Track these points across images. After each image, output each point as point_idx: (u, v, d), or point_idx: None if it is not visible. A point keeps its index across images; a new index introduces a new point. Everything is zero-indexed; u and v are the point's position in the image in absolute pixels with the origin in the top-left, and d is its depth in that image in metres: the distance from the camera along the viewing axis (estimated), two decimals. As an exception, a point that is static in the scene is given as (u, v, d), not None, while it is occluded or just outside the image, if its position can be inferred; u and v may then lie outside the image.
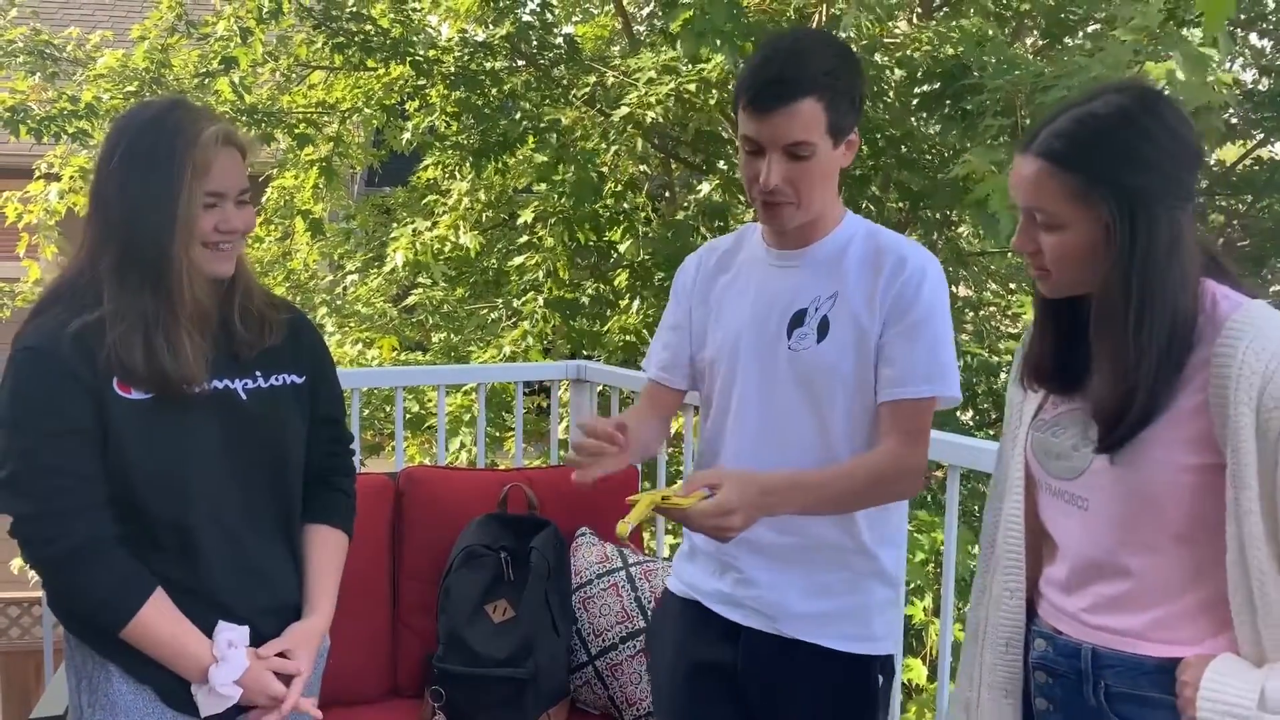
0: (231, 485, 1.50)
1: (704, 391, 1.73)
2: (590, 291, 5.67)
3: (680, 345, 1.72)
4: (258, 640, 1.51)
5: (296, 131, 5.66)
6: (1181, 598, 1.22)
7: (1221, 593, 1.18)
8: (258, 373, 1.55)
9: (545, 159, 5.21)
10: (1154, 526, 1.22)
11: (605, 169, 5.41)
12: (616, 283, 5.79)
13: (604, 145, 5.22)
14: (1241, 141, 6.42)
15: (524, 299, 5.37)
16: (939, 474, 3.89)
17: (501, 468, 3.99)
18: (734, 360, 1.64)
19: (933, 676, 4.03)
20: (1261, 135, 6.24)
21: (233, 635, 1.47)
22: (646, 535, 3.77)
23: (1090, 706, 1.27)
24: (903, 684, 4.07)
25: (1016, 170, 1.27)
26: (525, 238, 5.44)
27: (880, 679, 1.65)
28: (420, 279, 5.81)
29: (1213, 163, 6.15)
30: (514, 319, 5.51)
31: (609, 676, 2.28)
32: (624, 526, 1.35)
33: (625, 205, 5.61)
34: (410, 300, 6.02)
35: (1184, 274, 1.20)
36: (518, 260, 5.38)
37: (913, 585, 4.14)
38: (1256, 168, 6.44)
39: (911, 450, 1.55)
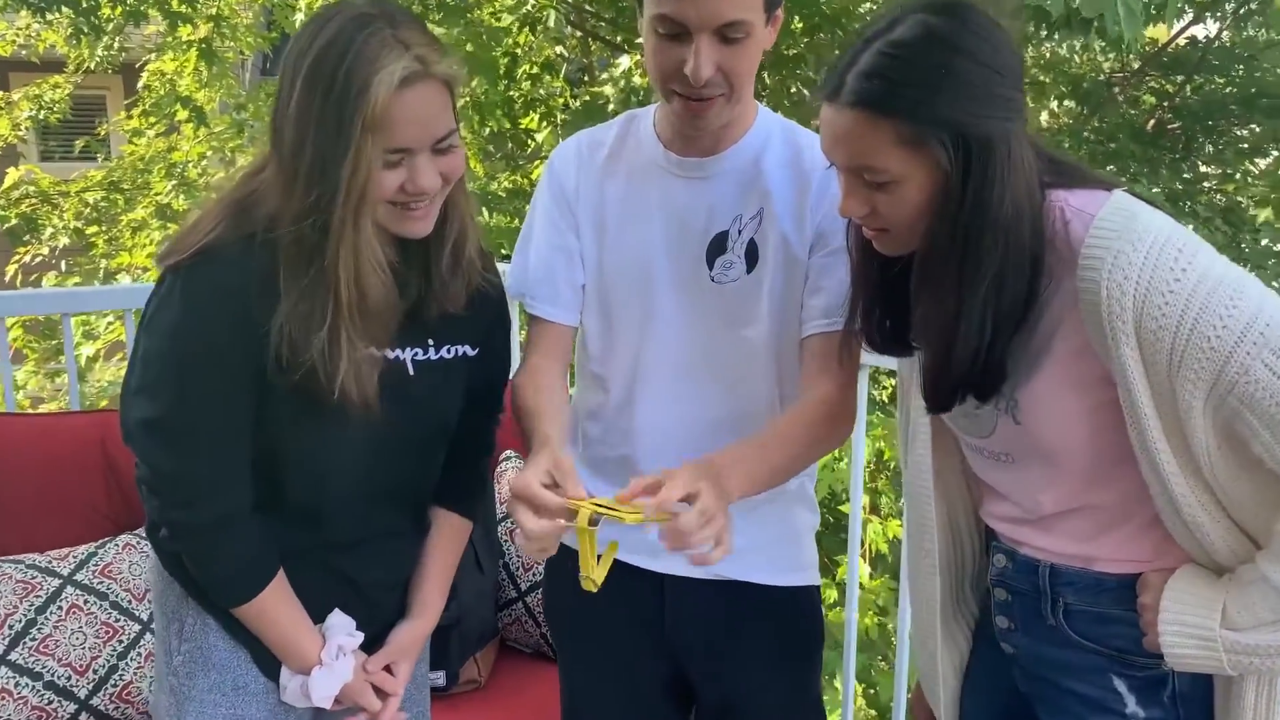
0: (374, 463, 1.31)
1: (592, 328, 1.45)
2: (507, 184, 5.31)
3: (572, 271, 1.43)
4: (368, 614, 1.37)
5: (170, 9, 5.07)
6: (1130, 520, 1.15)
7: None
8: (430, 341, 1.32)
9: (450, 37, 4.76)
10: (1081, 469, 1.14)
11: (518, 50, 5.00)
12: (534, 175, 5.43)
13: (515, 23, 4.79)
14: (1166, 24, 6.26)
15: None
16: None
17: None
18: (646, 295, 1.40)
19: (873, 575, 4.00)
20: (1192, 15, 6.07)
21: (344, 641, 1.34)
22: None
23: (1049, 625, 1.21)
24: (841, 584, 4.05)
25: (828, 126, 1.09)
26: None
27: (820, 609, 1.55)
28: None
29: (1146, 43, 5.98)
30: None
31: (541, 613, 2.06)
32: (597, 576, 1.13)
33: (542, 91, 5.22)
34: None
35: (1019, 205, 1.06)
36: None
37: (847, 485, 4.09)
38: (1188, 47, 6.31)
39: (847, 395, 1.37)
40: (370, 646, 1.38)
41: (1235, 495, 1.07)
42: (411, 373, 1.30)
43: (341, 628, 1.34)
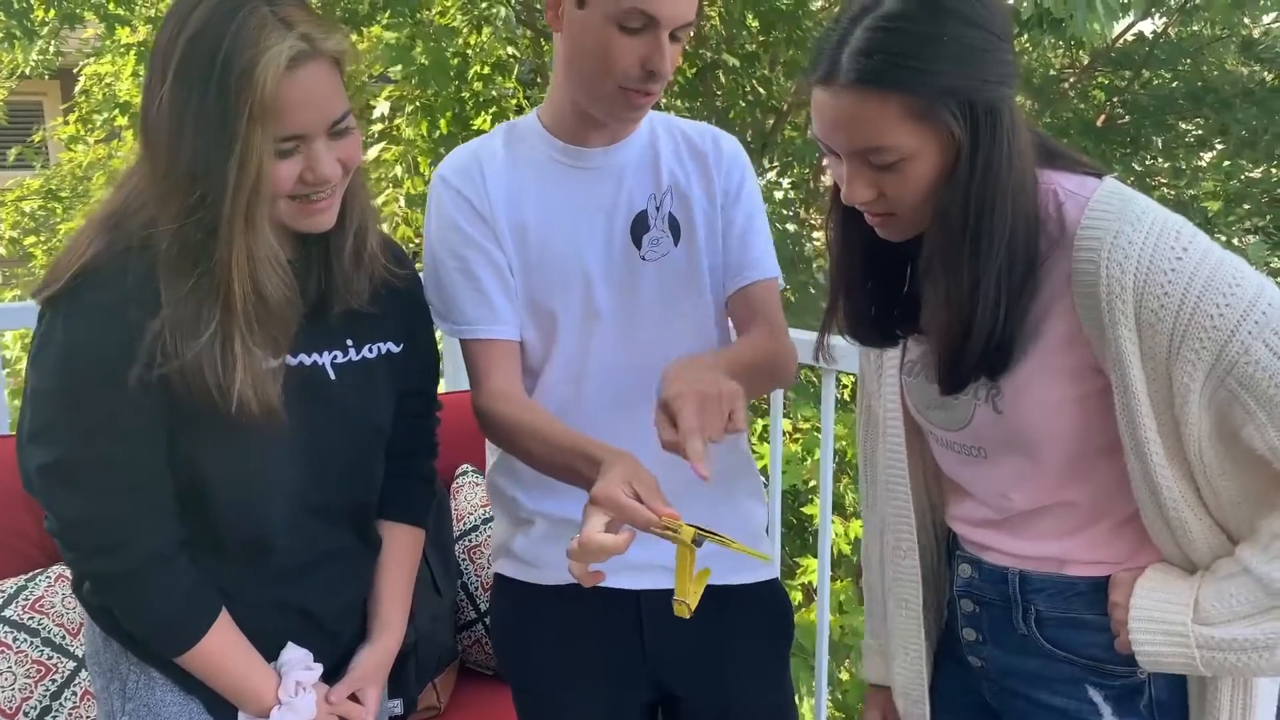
0: (309, 480, 1.22)
1: (528, 336, 1.39)
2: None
3: (504, 283, 1.37)
4: (325, 645, 1.28)
5: (106, 11, 4.91)
6: (1103, 519, 1.13)
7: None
8: (349, 342, 1.24)
9: (397, 38, 4.66)
10: (1059, 463, 1.11)
11: (469, 51, 4.91)
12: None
13: (465, 23, 4.70)
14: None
15: (383, 198, 4.88)
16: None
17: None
18: (584, 291, 1.37)
19: (834, 577, 3.96)
20: (1141, 10, 6.13)
21: (302, 676, 1.24)
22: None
23: (1020, 635, 1.18)
24: (804, 586, 4.01)
25: (827, 110, 1.04)
26: (380, 127, 4.92)
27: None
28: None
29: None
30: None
31: (503, 634, 1.98)
32: (692, 601, 1.07)
33: (494, 92, 5.13)
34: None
35: (1023, 171, 1.04)
36: (373, 153, 4.86)
37: (811, 484, 4.06)
38: (1136, 42, 6.37)
39: (783, 337, 1.44)
40: (331, 678, 1.30)
41: (1221, 490, 1.04)
42: (332, 376, 1.22)
43: (298, 662, 1.25)
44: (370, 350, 1.26)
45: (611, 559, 1.17)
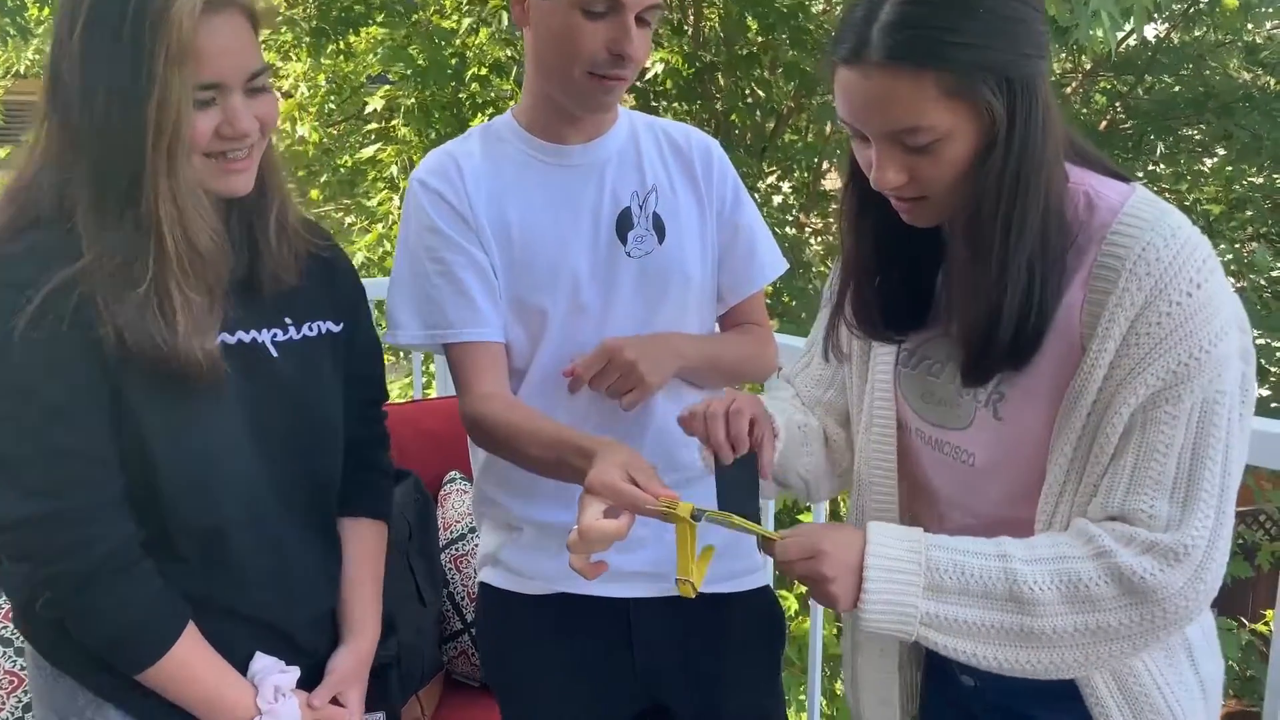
0: (263, 468, 1.17)
1: (514, 337, 1.37)
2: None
3: (487, 285, 1.35)
4: (299, 658, 1.23)
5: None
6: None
7: None
8: (288, 320, 1.21)
9: (394, 39, 4.62)
10: (1031, 476, 1.07)
11: (467, 51, 4.87)
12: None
13: (467, 25, 4.66)
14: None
15: (378, 198, 4.83)
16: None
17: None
18: (571, 289, 1.36)
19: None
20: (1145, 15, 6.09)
21: (280, 680, 1.19)
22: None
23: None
24: (800, 595, 3.96)
25: (854, 91, 0.99)
26: (375, 126, 4.87)
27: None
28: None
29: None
30: (369, 221, 4.99)
31: (489, 645, 1.93)
32: (696, 579, 1.04)
33: (491, 93, 5.09)
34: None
35: (1056, 150, 1.00)
36: (368, 152, 4.81)
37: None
38: (1139, 46, 6.33)
39: (769, 340, 1.51)
40: (307, 687, 1.25)
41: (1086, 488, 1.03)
42: (275, 354, 1.19)
43: (271, 668, 1.19)
44: (311, 329, 1.23)
45: (599, 569, 1.15)
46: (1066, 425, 1.02)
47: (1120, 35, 6.39)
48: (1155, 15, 5.93)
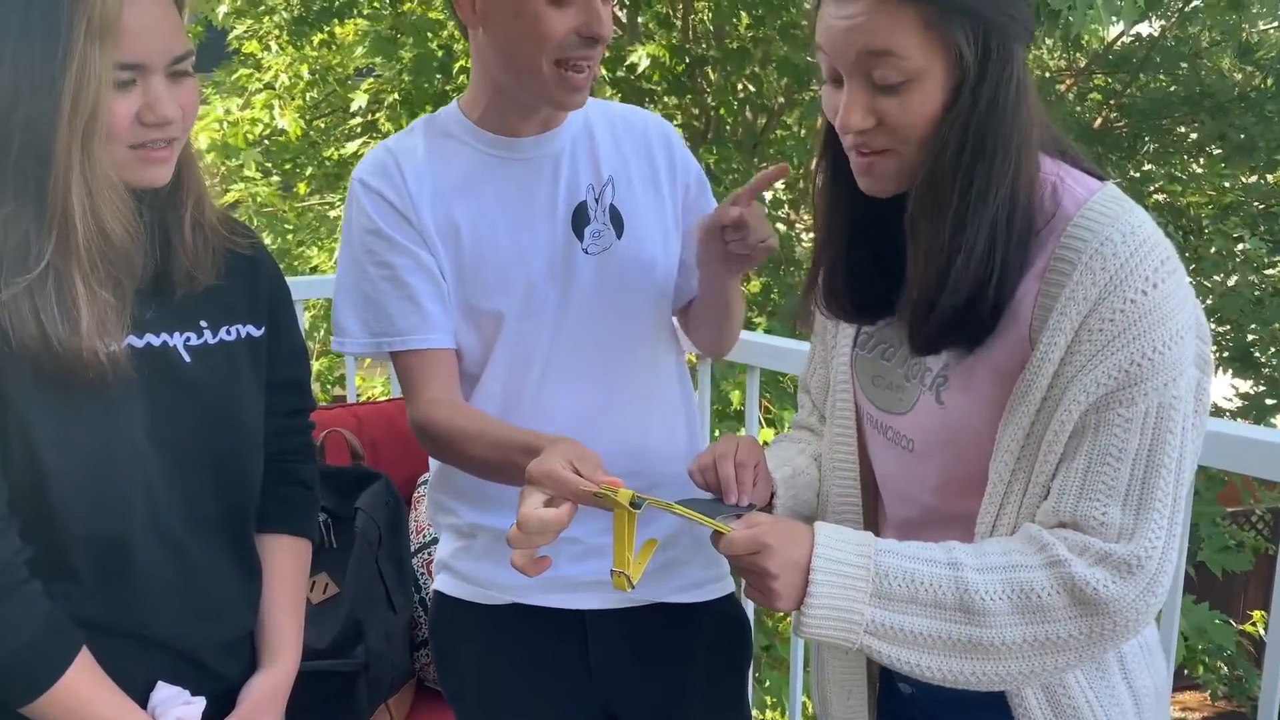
0: (171, 481, 1.09)
1: (465, 341, 1.31)
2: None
3: (436, 288, 1.30)
4: (210, 685, 1.14)
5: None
6: (1000, 534, 1.05)
7: None
8: (203, 323, 1.14)
9: (379, 29, 4.56)
10: (971, 468, 1.04)
11: (454, 45, 4.81)
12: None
13: (448, 13, 4.60)
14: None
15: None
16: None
17: (321, 403, 3.47)
18: (525, 289, 1.30)
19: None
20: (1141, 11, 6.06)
21: (184, 712, 1.11)
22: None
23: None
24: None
25: (838, 19, 0.97)
26: (359, 119, 4.82)
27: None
28: (247, 172, 5.13)
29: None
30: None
31: (462, 652, 1.89)
32: (633, 573, 0.98)
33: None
34: (229, 197, 5.29)
35: (1028, 130, 0.98)
36: (353, 146, 4.76)
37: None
38: (1134, 44, 6.30)
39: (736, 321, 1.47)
40: (219, 717, 1.16)
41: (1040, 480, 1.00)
42: (186, 359, 1.12)
43: (174, 699, 1.11)
44: (229, 333, 1.16)
45: (553, 578, 1.11)
46: (1012, 422, 0.99)
47: (1114, 30, 6.36)
48: (1150, 15, 5.90)
